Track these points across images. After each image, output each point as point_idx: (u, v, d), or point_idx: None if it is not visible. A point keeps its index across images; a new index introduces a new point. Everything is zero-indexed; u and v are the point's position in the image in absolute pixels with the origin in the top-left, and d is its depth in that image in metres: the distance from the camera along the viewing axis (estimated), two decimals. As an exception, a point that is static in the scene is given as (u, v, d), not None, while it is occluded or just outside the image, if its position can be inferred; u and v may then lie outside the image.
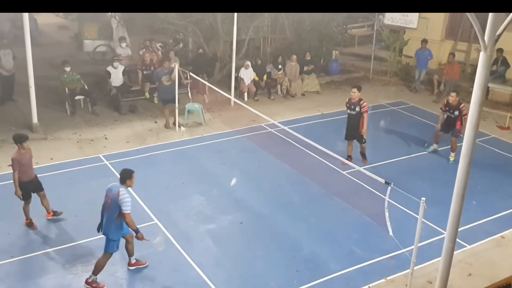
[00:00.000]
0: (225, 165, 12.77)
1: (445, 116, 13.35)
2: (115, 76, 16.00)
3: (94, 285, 8.29)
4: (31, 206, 9.85)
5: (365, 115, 12.42)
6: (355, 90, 12.44)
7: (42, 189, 9.97)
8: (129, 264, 8.79)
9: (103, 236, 8.33)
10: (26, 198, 9.73)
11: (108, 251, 8.29)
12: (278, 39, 20.48)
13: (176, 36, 20.19)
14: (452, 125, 13.17)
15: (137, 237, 8.25)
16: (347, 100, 12.71)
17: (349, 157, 12.64)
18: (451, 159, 13.16)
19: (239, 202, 11.06)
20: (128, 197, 8.00)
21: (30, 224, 9.80)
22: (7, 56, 15.73)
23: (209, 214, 10.53)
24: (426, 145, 13.95)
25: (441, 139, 13.53)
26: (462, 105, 13.00)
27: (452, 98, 13.13)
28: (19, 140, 9.53)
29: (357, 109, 12.39)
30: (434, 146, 13.72)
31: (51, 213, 10.18)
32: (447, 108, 13.27)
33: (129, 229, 8.23)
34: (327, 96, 18.42)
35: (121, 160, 12.65)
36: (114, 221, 8.08)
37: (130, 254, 8.75)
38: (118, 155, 12.97)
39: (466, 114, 12.60)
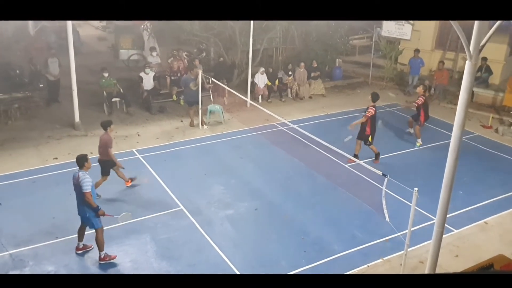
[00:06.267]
0: (242, 159, 12.78)
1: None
2: (146, 81, 16.05)
3: (107, 259, 8.43)
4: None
5: (363, 118, 12.23)
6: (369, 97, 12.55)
7: (115, 164, 10.60)
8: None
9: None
10: (106, 174, 10.42)
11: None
12: (288, 49, 20.43)
13: (199, 46, 20.19)
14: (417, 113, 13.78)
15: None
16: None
17: (355, 155, 12.08)
18: (418, 144, 13.76)
19: (254, 191, 11.07)
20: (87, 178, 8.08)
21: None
22: (54, 64, 15.90)
23: (228, 202, 10.55)
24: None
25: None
26: (418, 97, 13.58)
27: (418, 89, 13.91)
28: (107, 124, 10.29)
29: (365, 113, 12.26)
30: (419, 141, 13.85)
31: (129, 181, 10.94)
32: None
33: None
34: (331, 98, 18.32)
35: (151, 154, 12.72)
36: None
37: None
38: (149, 149, 13.03)
39: (418, 104, 13.51)
